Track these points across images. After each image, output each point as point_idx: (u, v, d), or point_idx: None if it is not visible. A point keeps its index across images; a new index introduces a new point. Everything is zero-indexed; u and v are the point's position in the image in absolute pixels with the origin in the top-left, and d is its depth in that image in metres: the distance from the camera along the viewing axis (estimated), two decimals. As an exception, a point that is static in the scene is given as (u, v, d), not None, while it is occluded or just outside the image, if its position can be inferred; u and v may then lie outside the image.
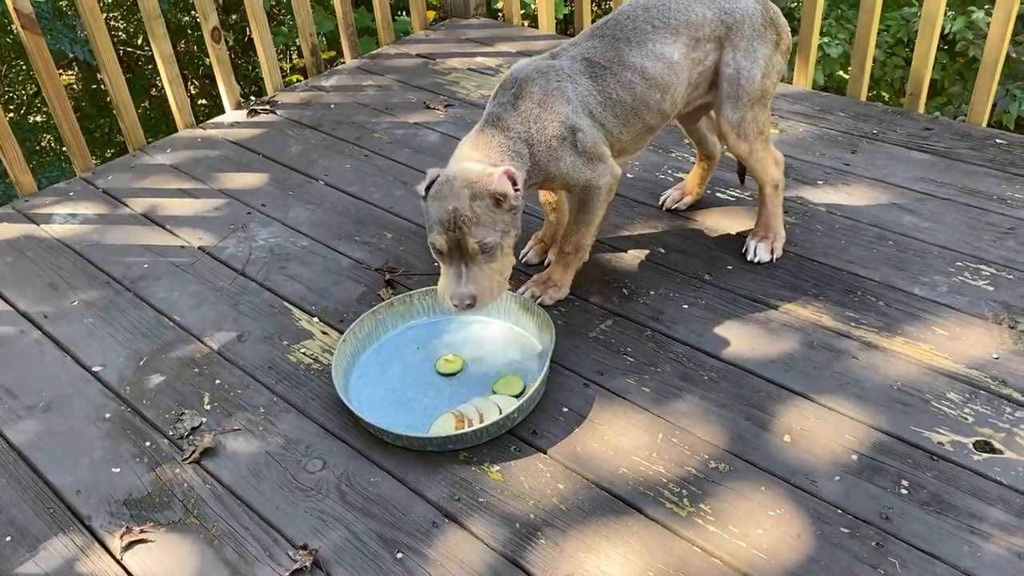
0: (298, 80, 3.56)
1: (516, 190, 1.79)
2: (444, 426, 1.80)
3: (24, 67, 6.22)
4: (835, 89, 5.01)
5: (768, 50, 2.03)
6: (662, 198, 2.47)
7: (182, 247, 2.50)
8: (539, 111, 1.89)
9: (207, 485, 1.76)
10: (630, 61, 1.96)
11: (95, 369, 2.08)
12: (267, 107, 3.26)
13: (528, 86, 1.91)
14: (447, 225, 1.75)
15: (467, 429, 1.75)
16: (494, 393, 1.88)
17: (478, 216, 1.75)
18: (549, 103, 1.90)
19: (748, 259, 2.21)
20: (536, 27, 3.91)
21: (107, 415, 1.95)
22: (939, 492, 1.61)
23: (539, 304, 2.07)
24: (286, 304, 2.24)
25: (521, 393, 1.87)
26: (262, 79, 5.10)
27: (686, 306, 2.10)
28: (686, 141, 2.74)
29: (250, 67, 6.25)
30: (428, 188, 1.81)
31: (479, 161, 1.84)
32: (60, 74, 2.84)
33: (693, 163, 2.46)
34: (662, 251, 2.29)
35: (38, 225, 2.65)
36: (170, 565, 1.61)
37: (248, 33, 6.16)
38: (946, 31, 4.64)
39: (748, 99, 2.02)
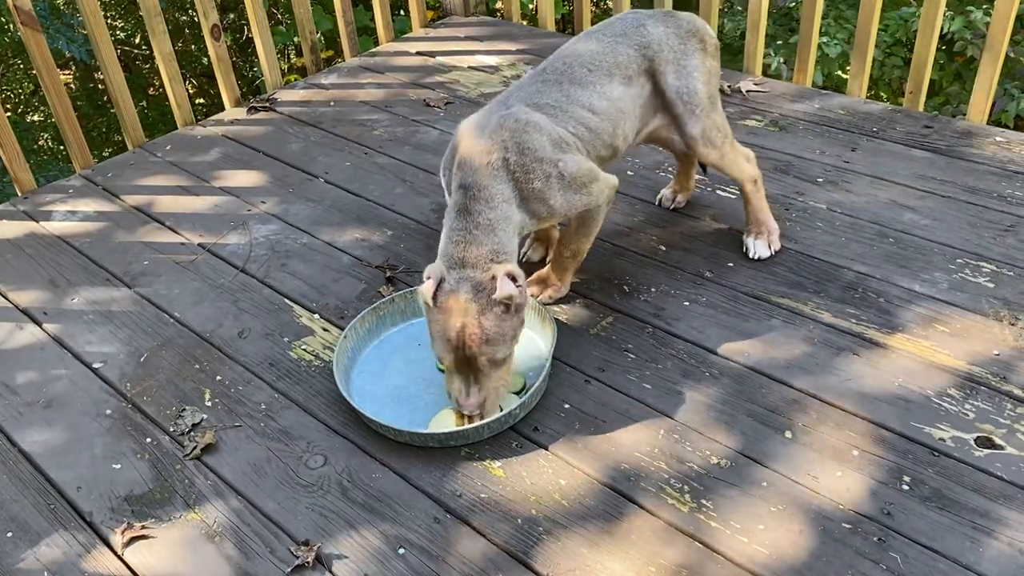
0: (296, 79, 3.56)
1: (519, 286, 1.72)
2: (444, 422, 1.80)
3: (21, 65, 6.21)
4: (833, 89, 5.02)
5: (698, 60, 2.04)
6: (657, 198, 2.47)
7: (182, 244, 2.49)
8: (519, 159, 1.81)
9: (208, 481, 1.76)
10: (579, 98, 1.94)
11: (96, 366, 2.07)
12: (267, 105, 3.26)
13: (500, 139, 1.81)
14: (455, 344, 1.69)
15: (468, 426, 1.75)
16: None
17: (487, 333, 1.68)
18: (527, 147, 1.81)
19: (749, 257, 2.21)
20: (535, 25, 3.92)
21: (108, 411, 1.94)
22: (940, 488, 1.61)
23: (538, 302, 2.06)
24: (287, 301, 2.24)
25: (522, 390, 1.87)
26: (259, 80, 5.10)
27: (687, 303, 2.10)
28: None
29: (247, 67, 6.24)
30: (435, 296, 1.72)
31: (476, 257, 1.74)
32: (58, 73, 2.83)
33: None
34: (663, 248, 2.29)
35: (38, 222, 2.64)
36: (171, 561, 1.61)
37: (245, 33, 6.15)
38: (944, 31, 4.64)
39: (701, 110, 2.04)
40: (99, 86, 6.42)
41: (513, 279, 1.71)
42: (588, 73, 1.97)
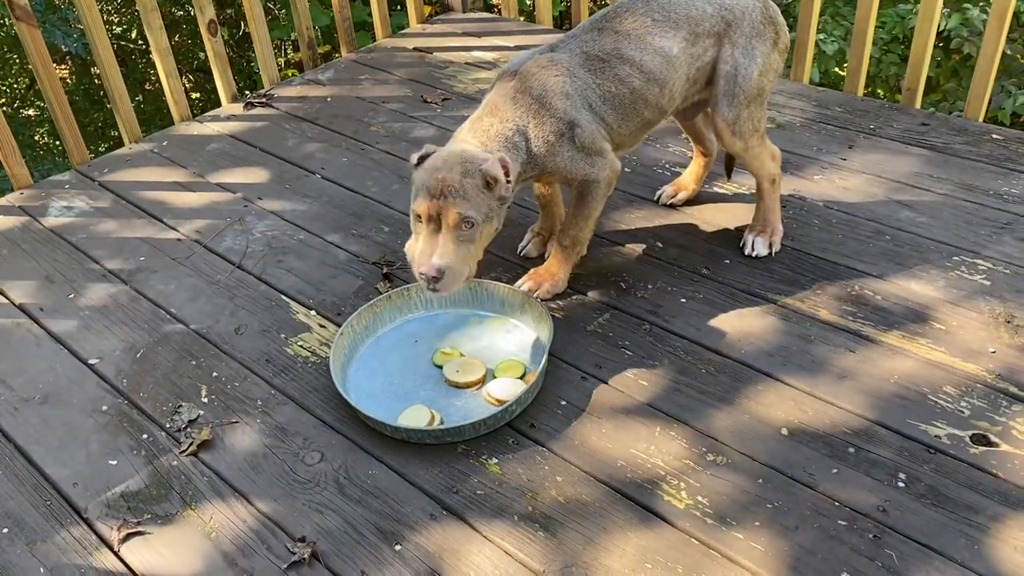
0: (293, 75, 3.55)
1: (508, 180, 1.81)
2: (414, 416, 1.80)
3: (17, 60, 6.19)
4: (830, 86, 5.02)
5: (766, 48, 2.03)
6: (657, 193, 2.47)
7: (179, 240, 2.49)
8: (538, 106, 1.90)
9: (205, 478, 1.76)
10: (629, 55, 1.96)
11: (92, 362, 2.07)
12: (263, 100, 3.25)
13: (528, 80, 1.92)
14: (433, 192, 1.76)
15: (465, 423, 1.75)
16: (495, 377, 1.89)
17: (466, 190, 1.76)
18: (548, 99, 1.90)
19: (746, 253, 2.21)
20: (532, 21, 3.91)
21: (104, 407, 1.94)
22: (936, 485, 1.62)
23: (536, 297, 2.07)
24: (283, 297, 2.23)
25: (523, 375, 1.88)
26: (255, 75, 5.08)
27: (684, 300, 2.10)
28: (683, 135, 2.74)
29: (244, 62, 6.23)
30: (421, 159, 1.84)
31: (475, 145, 1.86)
32: (53, 68, 2.82)
33: (691, 157, 2.46)
34: (660, 245, 2.29)
35: (34, 218, 2.64)
36: (167, 557, 1.61)
37: (242, 28, 6.14)
38: (941, 28, 4.64)
39: (744, 97, 2.03)
40: (95, 81, 6.40)
41: (505, 170, 1.80)
42: (652, 23, 1.98)
